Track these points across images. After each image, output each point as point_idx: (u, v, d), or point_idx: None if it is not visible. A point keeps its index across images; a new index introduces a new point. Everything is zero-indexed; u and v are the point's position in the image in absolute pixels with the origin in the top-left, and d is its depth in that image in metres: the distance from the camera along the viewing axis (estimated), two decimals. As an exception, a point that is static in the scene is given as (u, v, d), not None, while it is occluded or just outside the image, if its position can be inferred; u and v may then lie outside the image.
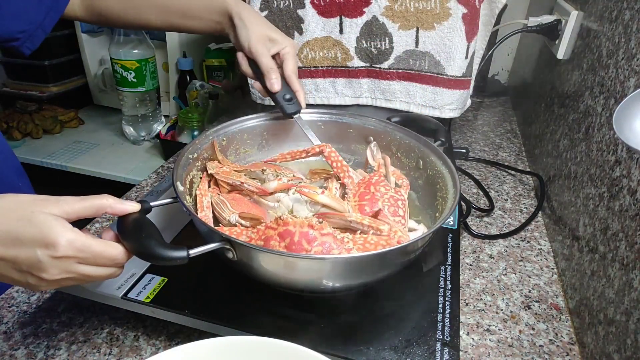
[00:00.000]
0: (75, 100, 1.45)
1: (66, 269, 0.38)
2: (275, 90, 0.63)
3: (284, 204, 0.57)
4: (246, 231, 0.50)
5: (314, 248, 0.45)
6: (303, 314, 0.50)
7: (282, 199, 0.58)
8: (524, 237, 0.72)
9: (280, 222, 0.47)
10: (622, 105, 0.35)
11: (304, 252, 0.45)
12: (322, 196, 0.54)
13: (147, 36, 1.16)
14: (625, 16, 0.58)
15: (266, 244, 0.46)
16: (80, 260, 0.38)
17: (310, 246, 0.45)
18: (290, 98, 0.64)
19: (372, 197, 0.57)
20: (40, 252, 0.36)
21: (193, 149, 0.59)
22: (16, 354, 0.49)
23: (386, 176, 0.62)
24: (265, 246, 0.46)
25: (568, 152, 0.70)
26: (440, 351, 0.45)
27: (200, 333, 0.50)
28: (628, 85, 0.53)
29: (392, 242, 0.47)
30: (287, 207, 0.57)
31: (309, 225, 0.46)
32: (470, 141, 1.05)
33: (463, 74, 0.78)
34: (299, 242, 0.45)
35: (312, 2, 0.78)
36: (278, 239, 0.46)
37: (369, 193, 0.57)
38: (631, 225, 0.46)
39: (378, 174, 0.61)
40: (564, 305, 0.59)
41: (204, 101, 1.17)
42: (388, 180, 0.61)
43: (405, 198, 0.59)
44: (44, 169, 1.21)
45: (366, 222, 0.50)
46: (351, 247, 0.47)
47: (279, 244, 0.46)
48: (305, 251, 0.45)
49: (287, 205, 0.57)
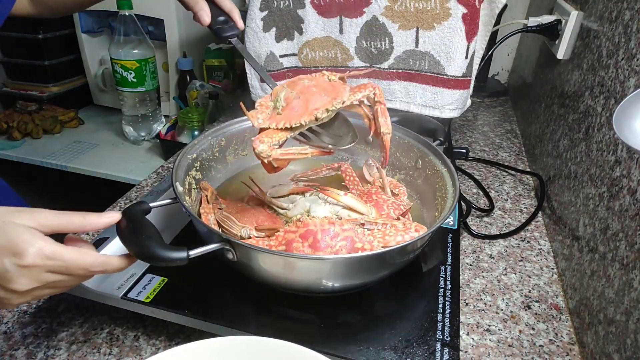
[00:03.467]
0: (75, 100, 1.45)
1: (36, 278, 0.36)
2: (206, 23, 0.59)
3: (300, 204, 0.57)
4: (262, 241, 0.50)
5: (339, 243, 0.46)
6: (303, 314, 0.50)
7: (297, 200, 0.58)
8: (524, 237, 0.72)
9: (300, 225, 0.48)
10: (622, 105, 0.34)
11: (328, 249, 0.46)
12: (345, 197, 0.54)
13: (147, 36, 1.16)
14: (625, 16, 0.58)
15: (289, 248, 0.47)
16: (50, 269, 0.36)
17: (334, 242, 0.46)
18: (225, 20, 0.60)
19: (377, 203, 0.58)
20: (7, 261, 0.35)
21: (192, 150, 0.59)
22: (16, 354, 0.49)
23: (383, 188, 0.63)
24: (288, 250, 0.46)
25: (568, 152, 0.70)
26: (440, 351, 0.45)
27: (200, 333, 0.49)
28: (628, 85, 0.53)
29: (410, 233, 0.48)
30: (303, 208, 0.56)
31: (330, 222, 0.47)
32: (470, 141, 1.05)
33: (463, 74, 0.78)
34: (323, 240, 0.46)
35: (312, 2, 0.78)
36: (301, 241, 0.46)
37: (373, 200, 0.59)
38: (631, 225, 0.46)
39: (375, 187, 0.63)
40: (564, 305, 0.59)
41: (204, 101, 1.17)
42: (385, 191, 0.62)
43: (405, 204, 0.60)
44: (44, 169, 1.20)
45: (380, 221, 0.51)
46: (372, 239, 0.48)
47: (302, 245, 0.46)
48: (329, 247, 0.46)
49: (303, 206, 0.57)
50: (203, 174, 0.61)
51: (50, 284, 0.37)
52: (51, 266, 0.36)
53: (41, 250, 0.35)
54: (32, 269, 0.35)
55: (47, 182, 1.36)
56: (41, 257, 0.35)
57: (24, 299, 0.38)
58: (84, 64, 1.36)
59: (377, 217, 0.53)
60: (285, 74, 0.86)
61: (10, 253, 0.35)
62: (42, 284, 0.37)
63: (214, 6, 0.60)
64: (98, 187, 1.19)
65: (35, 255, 0.35)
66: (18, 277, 0.35)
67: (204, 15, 0.58)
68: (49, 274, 0.37)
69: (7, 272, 0.35)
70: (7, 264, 0.35)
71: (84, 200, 1.07)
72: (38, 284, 0.36)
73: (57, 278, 0.37)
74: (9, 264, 0.35)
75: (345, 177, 0.67)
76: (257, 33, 0.81)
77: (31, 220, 0.37)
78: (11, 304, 0.37)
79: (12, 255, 0.35)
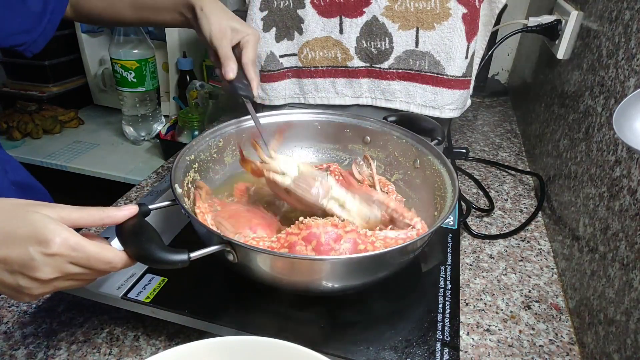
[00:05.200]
0: (75, 100, 1.45)
1: (59, 268, 0.37)
2: (229, 77, 0.63)
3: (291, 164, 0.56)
4: (263, 241, 0.49)
5: (342, 246, 0.46)
6: (303, 314, 0.50)
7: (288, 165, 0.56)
8: (524, 237, 0.72)
9: (302, 227, 0.47)
10: (622, 106, 0.34)
11: (332, 253, 0.45)
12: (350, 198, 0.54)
13: (147, 36, 1.16)
14: (625, 16, 0.58)
15: (291, 249, 0.46)
16: (73, 261, 0.37)
17: (337, 245, 0.46)
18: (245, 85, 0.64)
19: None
20: (32, 250, 0.35)
21: (190, 151, 0.59)
22: (16, 354, 0.49)
23: (373, 186, 0.63)
24: (291, 252, 0.46)
25: (568, 152, 0.70)
26: (440, 351, 0.45)
27: (200, 333, 0.50)
28: (628, 85, 0.53)
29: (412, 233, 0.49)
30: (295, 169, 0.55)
31: (332, 224, 0.47)
32: (470, 141, 1.05)
33: (463, 74, 0.78)
34: (326, 243, 0.46)
35: (312, 2, 0.78)
36: (304, 243, 0.46)
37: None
38: (631, 225, 0.46)
39: (365, 185, 0.63)
40: (564, 305, 0.59)
41: (204, 101, 1.17)
42: (375, 189, 0.62)
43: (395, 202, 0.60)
44: (44, 169, 1.21)
45: (392, 205, 0.51)
46: (374, 240, 0.48)
47: (306, 248, 0.46)
48: (333, 250, 0.46)
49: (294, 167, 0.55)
50: (201, 176, 0.61)
51: (70, 275, 0.38)
52: (74, 257, 0.37)
53: (66, 240, 0.36)
54: (56, 258, 0.36)
55: (47, 182, 1.35)
56: (66, 247, 0.36)
57: (44, 289, 0.38)
58: (84, 64, 1.36)
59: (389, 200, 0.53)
60: (285, 73, 0.86)
61: (35, 241, 0.35)
62: (64, 274, 0.37)
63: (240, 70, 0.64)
64: (98, 187, 1.19)
65: (61, 245, 0.36)
66: (43, 265, 0.36)
67: (231, 72, 0.63)
68: (71, 266, 0.37)
69: (33, 260, 0.35)
70: (32, 252, 0.35)
71: (84, 200, 1.07)
72: (60, 274, 0.37)
73: (78, 270, 0.38)
74: (35, 252, 0.35)
75: (334, 177, 0.66)
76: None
77: (54, 212, 0.37)
78: (32, 294, 0.38)
79: (37, 244, 0.35)
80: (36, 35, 0.68)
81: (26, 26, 0.67)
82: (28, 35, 0.67)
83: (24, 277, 0.36)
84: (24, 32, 0.67)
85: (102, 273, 0.40)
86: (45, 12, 0.68)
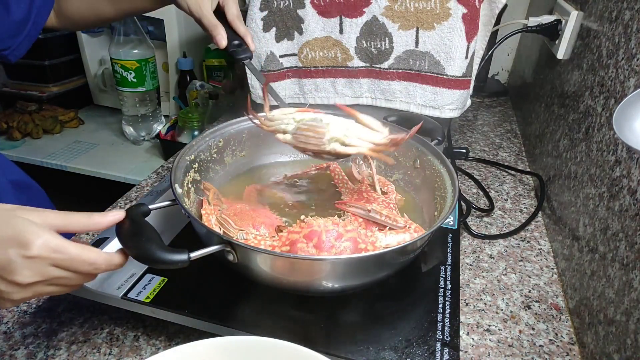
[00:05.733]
0: (75, 100, 1.45)
1: (40, 271, 0.36)
2: (222, 46, 0.63)
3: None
4: (264, 241, 0.50)
5: (343, 244, 0.47)
6: (303, 314, 0.50)
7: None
8: (524, 237, 0.72)
9: (304, 225, 0.48)
10: (622, 106, 0.34)
11: (333, 250, 0.46)
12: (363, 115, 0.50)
13: (147, 36, 1.16)
14: (625, 16, 0.58)
15: (293, 247, 0.47)
16: (55, 263, 0.36)
17: (338, 242, 0.47)
18: (239, 43, 0.64)
19: (367, 200, 0.58)
20: (12, 252, 0.34)
21: (190, 151, 0.59)
22: (16, 354, 0.49)
23: (373, 186, 0.63)
24: (293, 250, 0.47)
25: (568, 152, 0.70)
26: (440, 351, 0.45)
27: (200, 333, 0.49)
28: (628, 85, 0.53)
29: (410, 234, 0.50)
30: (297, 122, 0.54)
31: (333, 223, 0.48)
32: (470, 141, 1.05)
33: (463, 74, 0.78)
34: (327, 241, 0.46)
35: (312, 2, 0.78)
36: (305, 241, 0.47)
37: (363, 198, 0.59)
38: (631, 225, 0.46)
39: (365, 185, 0.63)
40: (564, 305, 0.59)
41: (204, 101, 1.17)
42: (375, 189, 0.62)
43: (394, 202, 0.61)
44: (44, 169, 1.21)
45: (385, 212, 0.52)
46: (374, 240, 0.49)
47: (307, 245, 0.46)
48: (334, 248, 0.46)
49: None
50: (201, 176, 0.61)
51: (53, 280, 0.37)
52: (56, 259, 0.36)
53: (47, 242, 0.35)
54: (37, 261, 0.35)
55: (47, 182, 1.35)
56: (47, 249, 0.35)
57: (24, 294, 0.37)
58: (84, 64, 1.36)
59: (382, 208, 0.54)
60: (285, 73, 0.86)
61: (15, 243, 0.35)
62: (45, 278, 0.36)
63: (229, 30, 0.64)
64: (98, 187, 1.19)
65: (41, 247, 0.35)
66: (22, 268, 0.35)
67: (221, 39, 0.63)
68: (53, 269, 0.36)
69: (12, 262, 0.35)
70: (11, 255, 0.35)
71: (84, 200, 1.08)
72: (41, 277, 0.36)
73: (61, 274, 0.37)
74: (14, 254, 0.35)
75: (334, 176, 0.67)
76: (257, 33, 0.81)
77: (38, 217, 0.37)
78: (11, 299, 0.37)
79: (17, 246, 0.35)
80: (20, 39, 0.68)
81: (10, 32, 0.66)
82: (11, 40, 0.67)
83: (3, 281, 0.36)
84: (8, 38, 0.67)
85: (85, 277, 0.39)
86: (29, 18, 0.68)
